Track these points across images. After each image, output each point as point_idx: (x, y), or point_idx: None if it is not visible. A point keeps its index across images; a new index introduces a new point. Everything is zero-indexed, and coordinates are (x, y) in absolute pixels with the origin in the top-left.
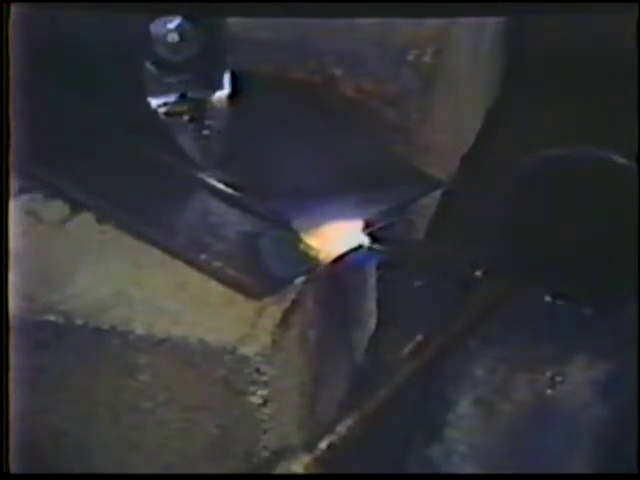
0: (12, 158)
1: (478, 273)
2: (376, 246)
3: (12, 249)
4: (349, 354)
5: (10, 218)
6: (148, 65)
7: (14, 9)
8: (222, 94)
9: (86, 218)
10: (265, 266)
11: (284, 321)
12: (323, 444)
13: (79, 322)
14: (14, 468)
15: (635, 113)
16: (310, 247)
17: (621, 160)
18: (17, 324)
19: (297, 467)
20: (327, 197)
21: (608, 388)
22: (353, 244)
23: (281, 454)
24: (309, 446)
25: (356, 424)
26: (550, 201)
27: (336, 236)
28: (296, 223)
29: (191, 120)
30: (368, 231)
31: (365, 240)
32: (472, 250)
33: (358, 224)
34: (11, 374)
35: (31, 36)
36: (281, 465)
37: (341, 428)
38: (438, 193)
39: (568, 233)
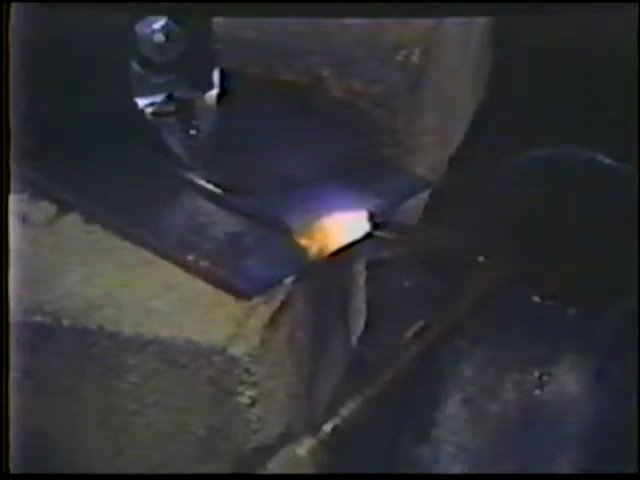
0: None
1: (481, 258)
2: (381, 233)
3: None
4: (340, 353)
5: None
6: (135, 65)
7: (14, 9)
8: (210, 94)
9: (73, 219)
10: (254, 266)
11: (273, 321)
12: (328, 427)
13: (67, 323)
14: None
15: (635, 113)
16: (299, 246)
17: (608, 161)
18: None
19: (302, 450)
20: (315, 197)
21: (595, 388)
22: (358, 234)
23: (286, 437)
24: (314, 429)
25: (359, 407)
26: (536, 201)
27: (338, 228)
28: (285, 223)
29: (178, 120)
30: (374, 221)
31: (371, 228)
32: (473, 237)
33: (362, 214)
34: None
35: (31, 36)
36: (286, 448)
37: (345, 412)
38: (426, 193)
39: (554, 233)
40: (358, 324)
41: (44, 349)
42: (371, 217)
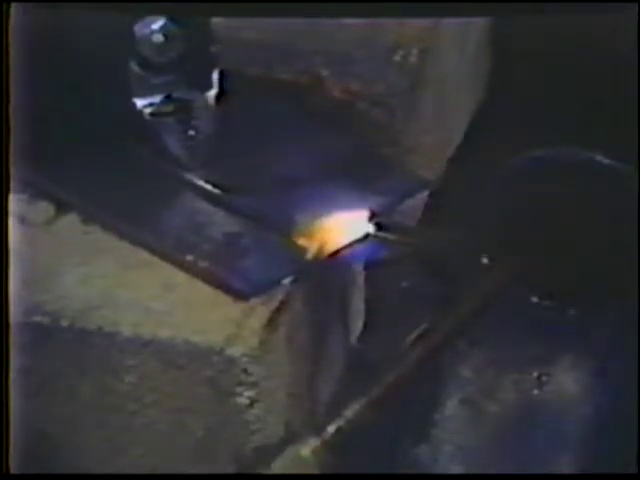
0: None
1: (485, 260)
2: (383, 234)
3: None
4: (339, 353)
5: None
6: (133, 66)
7: (14, 9)
8: (209, 94)
9: (72, 219)
10: (252, 267)
11: (271, 322)
12: (331, 428)
13: (65, 323)
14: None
15: (635, 113)
16: (298, 247)
17: (607, 161)
18: None
19: (305, 451)
20: (314, 197)
21: (595, 388)
22: (359, 234)
23: (286, 438)
24: (317, 430)
25: (364, 408)
26: (536, 201)
27: (338, 228)
28: (284, 223)
29: (177, 120)
30: (374, 221)
31: (372, 229)
32: (473, 237)
33: (363, 214)
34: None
35: (31, 36)
36: (289, 449)
37: (349, 413)
38: (425, 193)
39: (553, 233)
40: (357, 325)
41: (43, 349)
42: (372, 217)
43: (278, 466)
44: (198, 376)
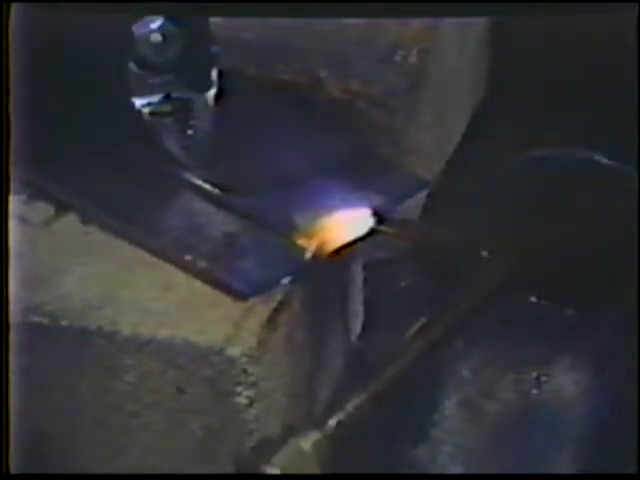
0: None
1: (484, 253)
2: (385, 228)
3: None
4: (338, 353)
5: None
6: (132, 66)
7: (14, 9)
8: (208, 94)
9: (71, 219)
10: (251, 266)
11: (271, 322)
12: (332, 422)
13: (65, 323)
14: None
15: (635, 113)
16: (297, 246)
17: (607, 161)
18: None
19: (306, 444)
20: (313, 196)
21: (594, 388)
22: (361, 232)
23: (284, 437)
24: (319, 423)
25: (365, 402)
26: (536, 201)
27: (340, 226)
28: (283, 223)
29: (176, 120)
30: (376, 219)
31: (374, 225)
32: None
33: (365, 212)
34: None
35: (31, 36)
36: (290, 442)
37: (350, 406)
38: (423, 193)
39: (553, 234)
40: (357, 324)
41: (42, 349)
42: (374, 215)
43: (279, 460)
44: (197, 376)
